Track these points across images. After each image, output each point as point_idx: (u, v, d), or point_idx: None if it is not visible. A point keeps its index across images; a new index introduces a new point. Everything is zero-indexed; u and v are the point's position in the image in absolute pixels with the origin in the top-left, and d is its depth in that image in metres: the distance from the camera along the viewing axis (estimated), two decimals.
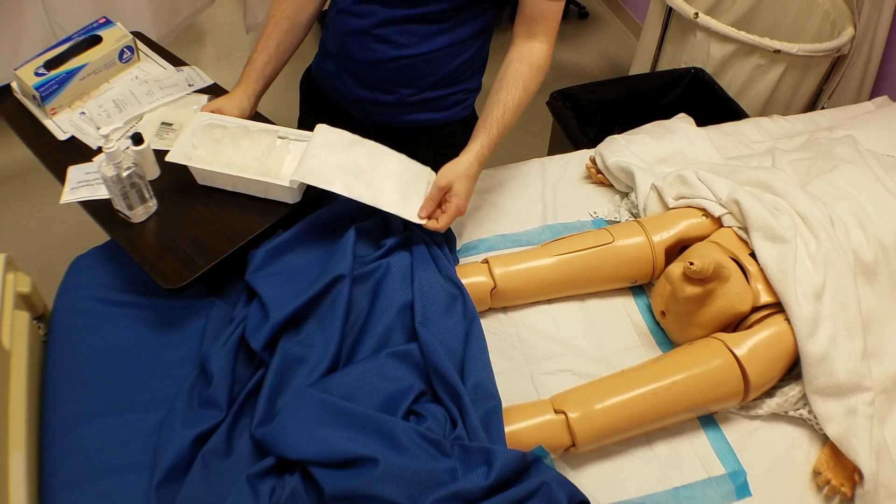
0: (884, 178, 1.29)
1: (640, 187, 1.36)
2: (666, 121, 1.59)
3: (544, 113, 1.99)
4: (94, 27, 1.33)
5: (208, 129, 1.18)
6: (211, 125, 1.19)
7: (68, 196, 1.15)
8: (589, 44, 3.09)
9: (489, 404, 0.99)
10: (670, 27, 2.20)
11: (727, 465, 1.06)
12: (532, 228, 1.37)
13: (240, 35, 2.91)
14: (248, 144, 1.17)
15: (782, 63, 2.01)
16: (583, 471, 1.04)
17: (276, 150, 1.19)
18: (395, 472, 0.88)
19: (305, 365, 1.02)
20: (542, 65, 1.17)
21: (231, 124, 1.19)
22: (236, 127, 1.19)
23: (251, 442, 0.97)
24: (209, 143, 1.17)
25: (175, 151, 1.14)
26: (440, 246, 1.20)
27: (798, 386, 1.10)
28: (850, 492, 1.03)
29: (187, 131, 1.17)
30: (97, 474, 0.95)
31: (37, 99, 1.25)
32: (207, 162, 1.15)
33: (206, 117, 1.19)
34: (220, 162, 1.15)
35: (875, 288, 1.17)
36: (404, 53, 1.20)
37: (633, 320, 1.25)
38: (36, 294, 1.18)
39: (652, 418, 1.04)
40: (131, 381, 1.05)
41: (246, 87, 1.25)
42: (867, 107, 1.78)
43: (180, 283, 1.06)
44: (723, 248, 1.18)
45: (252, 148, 1.17)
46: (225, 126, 1.19)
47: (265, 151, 1.18)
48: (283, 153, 1.20)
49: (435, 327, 1.06)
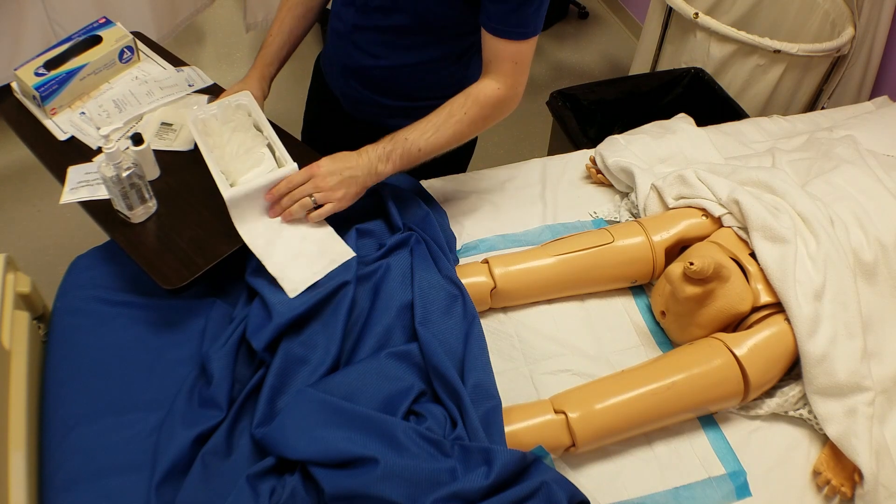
0: (884, 178, 1.29)
1: (640, 187, 1.36)
2: (666, 121, 1.59)
3: (544, 113, 2.00)
4: (94, 27, 1.33)
5: (236, 109, 1.18)
6: (239, 105, 1.18)
7: (68, 196, 1.15)
8: (589, 44, 3.09)
9: (489, 404, 0.99)
10: (670, 27, 2.20)
11: (727, 465, 1.06)
12: (532, 228, 1.37)
13: (240, 35, 2.91)
14: (238, 138, 1.16)
15: (782, 63, 2.01)
16: (583, 471, 1.04)
17: (252, 156, 1.15)
18: (395, 472, 0.88)
19: (307, 366, 1.02)
20: (484, 102, 1.11)
21: (254, 112, 1.18)
22: (247, 118, 1.19)
23: (251, 442, 0.97)
24: (224, 119, 1.17)
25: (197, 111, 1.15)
26: (440, 246, 1.20)
27: (798, 386, 1.10)
28: (850, 492, 1.03)
29: (224, 100, 1.18)
30: (97, 474, 0.95)
31: (37, 99, 1.25)
32: (203, 133, 1.15)
33: (245, 97, 1.19)
34: (208, 143, 1.14)
35: (875, 288, 1.17)
36: (377, 64, 1.22)
37: (633, 320, 1.25)
38: (36, 294, 1.18)
39: (652, 418, 1.04)
40: (131, 381, 1.05)
41: (262, 70, 1.27)
42: (867, 107, 1.78)
43: (180, 283, 1.06)
44: (723, 248, 1.18)
45: (236, 142, 1.15)
46: (248, 111, 1.18)
47: (243, 150, 1.14)
48: (257, 161, 1.15)
49: (435, 327, 1.06)
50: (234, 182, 1.11)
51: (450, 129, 1.11)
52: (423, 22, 1.14)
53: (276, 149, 1.14)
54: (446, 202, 1.37)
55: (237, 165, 1.13)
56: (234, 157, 1.14)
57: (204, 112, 1.17)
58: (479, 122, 1.13)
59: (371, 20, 1.18)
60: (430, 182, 1.44)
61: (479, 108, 1.12)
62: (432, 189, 1.41)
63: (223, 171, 1.11)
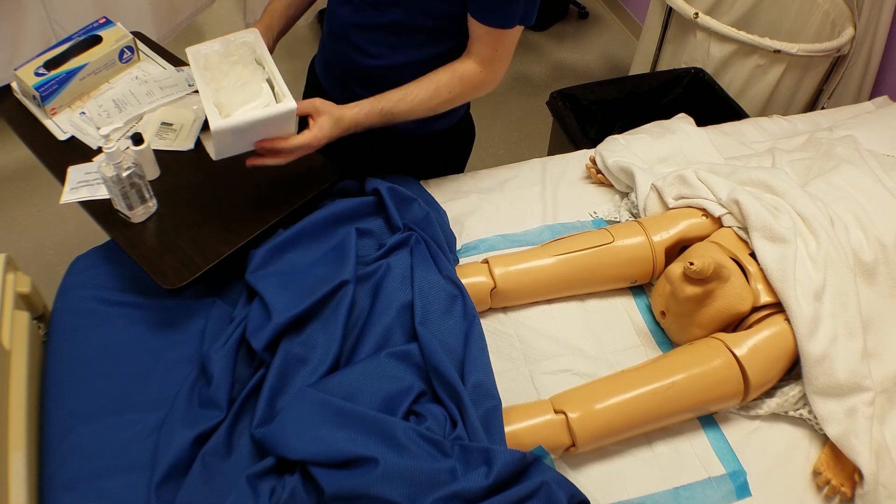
0: (884, 178, 1.29)
1: (640, 187, 1.36)
2: (666, 121, 1.59)
3: (544, 113, 2.00)
4: (93, 27, 1.33)
5: (243, 45, 1.15)
6: (244, 42, 1.15)
7: (68, 196, 1.15)
8: (589, 44, 3.09)
9: (489, 404, 0.99)
10: (670, 27, 2.20)
11: (727, 465, 1.06)
12: (532, 228, 1.37)
13: None
14: (237, 71, 1.11)
15: (782, 63, 2.01)
16: (583, 471, 1.04)
17: (249, 90, 1.09)
18: (395, 472, 0.88)
19: (307, 366, 1.02)
20: (464, 79, 1.16)
21: (258, 48, 1.14)
22: (249, 53, 1.14)
23: (251, 442, 0.97)
24: (226, 54, 1.14)
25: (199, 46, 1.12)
26: (440, 246, 1.20)
27: (798, 386, 1.10)
28: (850, 492, 1.03)
29: (229, 36, 1.15)
30: (97, 474, 0.95)
31: (37, 99, 1.25)
32: (203, 68, 1.10)
33: (251, 34, 1.16)
34: (205, 76, 1.10)
35: (875, 288, 1.17)
36: (374, 63, 1.22)
37: (633, 320, 1.25)
38: (36, 294, 1.18)
39: (652, 418, 1.04)
40: (131, 381, 1.06)
41: (269, 22, 1.26)
42: (867, 107, 1.78)
43: (180, 283, 1.06)
44: (723, 248, 1.18)
45: (234, 76, 1.10)
46: (253, 47, 1.15)
47: (240, 84, 1.09)
48: (254, 95, 1.08)
49: (435, 327, 1.06)
50: (228, 115, 1.04)
51: (432, 104, 1.18)
52: (420, 18, 1.15)
53: (276, 84, 1.09)
54: (446, 202, 1.37)
55: (232, 98, 1.07)
56: (229, 90, 1.08)
57: (207, 47, 1.13)
58: (459, 100, 1.20)
59: (368, 18, 1.18)
60: (430, 182, 1.44)
61: (462, 87, 1.17)
62: (432, 189, 1.41)
63: (217, 103, 1.05)
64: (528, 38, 3.04)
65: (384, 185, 1.24)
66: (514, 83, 2.80)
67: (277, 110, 1.03)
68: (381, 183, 1.24)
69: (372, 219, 1.24)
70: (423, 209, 1.24)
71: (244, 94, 1.07)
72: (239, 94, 1.07)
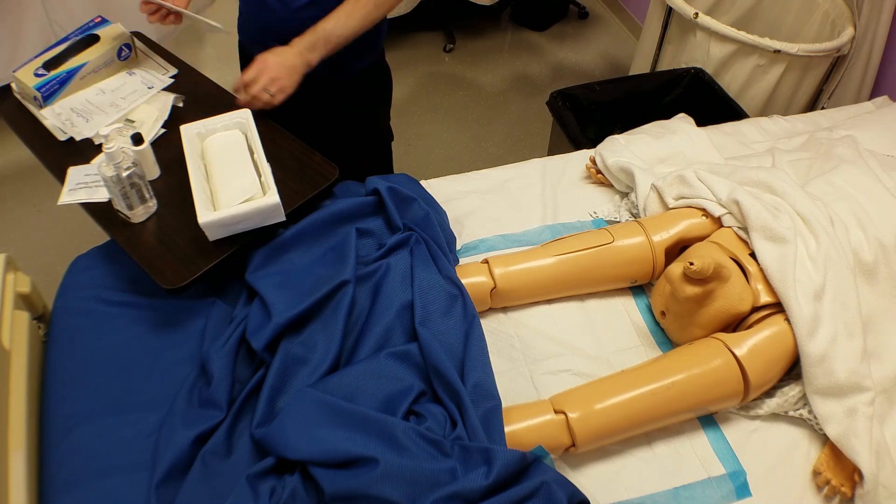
0: (884, 178, 1.29)
1: (640, 187, 1.36)
2: (666, 121, 1.59)
3: (544, 113, 2.00)
4: (90, 26, 1.33)
5: (236, 126, 1.25)
6: (237, 123, 1.24)
7: (66, 197, 1.15)
8: (589, 44, 3.09)
9: (489, 404, 0.99)
10: (670, 27, 2.20)
11: (727, 465, 1.06)
12: (532, 228, 1.37)
13: None
14: (227, 157, 1.19)
15: (782, 63, 2.01)
16: (583, 471, 1.04)
17: (236, 182, 1.15)
18: (394, 472, 0.88)
19: (307, 366, 1.02)
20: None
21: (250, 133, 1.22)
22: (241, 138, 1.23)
23: (251, 442, 0.97)
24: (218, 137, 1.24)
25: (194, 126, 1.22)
26: (440, 246, 1.20)
27: (798, 386, 1.10)
28: (850, 492, 1.03)
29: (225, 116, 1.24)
30: (97, 474, 0.95)
31: (38, 99, 1.25)
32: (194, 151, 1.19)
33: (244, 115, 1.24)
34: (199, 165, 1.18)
35: (875, 288, 1.17)
36: (291, 11, 1.26)
37: (633, 320, 1.25)
38: (36, 294, 1.18)
39: (652, 418, 1.04)
40: (131, 381, 1.05)
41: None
42: (867, 107, 1.78)
43: (180, 283, 1.06)
44: (723, 248, 1.18)
45: (225, 163, 1.18)
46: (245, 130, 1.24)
47: (228, 174, 1.16)
48: (241, 186, 1.14)
49: (435, 327, 1.06)
50: (217, 201, 1.12)
51: (359, 13, 1.23)
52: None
53: (263, 173, 1.15)
54: (446, 202, 1.37)
55: (221, 185, 1.15)
56: (219, 178, 1.16)
57: (202, 126, 1.22)
58: (383, 4, 1.25)
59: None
60: (430, 182, 1.44)
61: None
62: (432, 189, 1.41)
63: (208, 189, 1.14)
64: (528, 38, 3.04)
65: (384, 185, 1.24)
66: (514, 83, 2.80)
67: (264, 203, 1.10)
68: (381, 183, 1.24)
69: (372, 219, 1.24)
70: (423, 209, 1.24)
71: (234, 185, 1.14)
72: (230, 183, 1.15)
